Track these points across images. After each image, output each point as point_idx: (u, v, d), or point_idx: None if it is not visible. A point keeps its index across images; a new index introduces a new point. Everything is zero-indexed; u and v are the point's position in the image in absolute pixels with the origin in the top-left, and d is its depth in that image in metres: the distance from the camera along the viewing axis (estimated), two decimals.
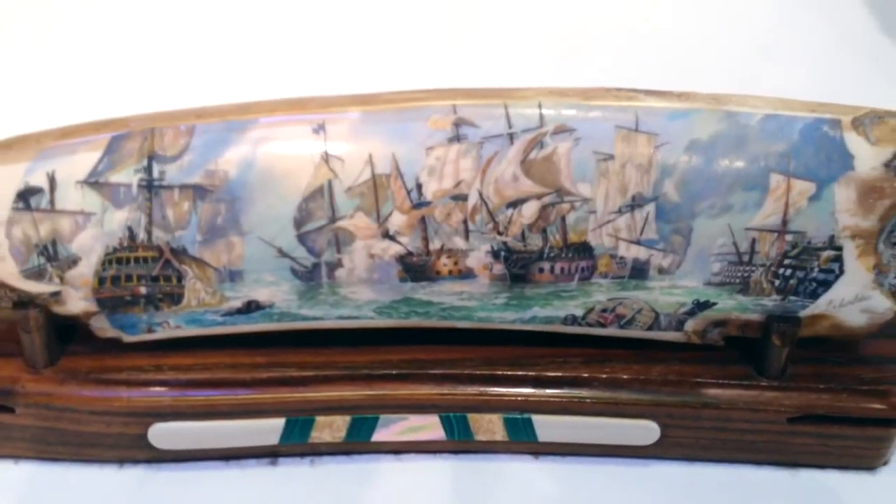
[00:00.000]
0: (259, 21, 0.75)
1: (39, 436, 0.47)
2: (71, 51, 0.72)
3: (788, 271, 0.44)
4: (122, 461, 0.49)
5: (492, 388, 0.48)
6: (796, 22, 0.83)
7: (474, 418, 0.48)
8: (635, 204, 0.44)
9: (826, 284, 0.44)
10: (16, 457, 0.48)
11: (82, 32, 0.73)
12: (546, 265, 0.45)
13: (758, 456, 0.48)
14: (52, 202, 0.43)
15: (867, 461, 0.48)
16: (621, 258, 0.45)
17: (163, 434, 0.47)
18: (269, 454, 0.50)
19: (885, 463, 0.48)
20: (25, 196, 0.43)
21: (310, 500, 0.48)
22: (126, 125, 0.44)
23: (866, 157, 0.42)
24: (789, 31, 0.81)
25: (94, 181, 0.43)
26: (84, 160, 0.43)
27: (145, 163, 0.44)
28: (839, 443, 0.47)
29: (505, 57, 0.72)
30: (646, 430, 0.48)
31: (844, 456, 0.48)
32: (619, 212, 0.44)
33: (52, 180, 0.43)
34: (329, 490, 0.48)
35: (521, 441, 0.49)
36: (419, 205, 0.44)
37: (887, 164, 0.42)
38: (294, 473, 0.49)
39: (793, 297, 0.45)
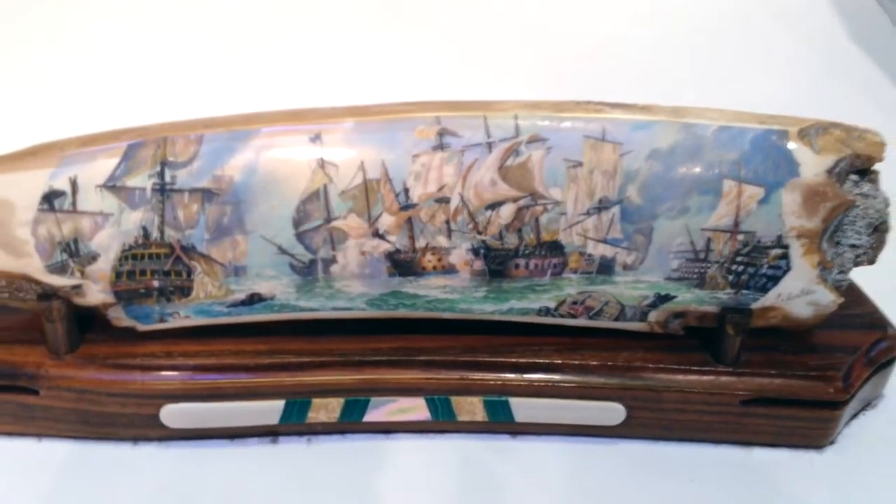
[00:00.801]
0: (262, 39, 0.77)
1: (61, 416, 0.49)
2: (91, 66, 0.73)
3: (740, 267, 0.47)
4: (136, 439, 0.51)
5: (473, 374, 0.50)
6: (765, 33, 0.84)
7: (457, 401, 0.50)
8: (602, 206, 0.46)
9: (775, 279, 0.47)
10: (39, 435, 0.50)
11: (103, 49, 0.75)
12: (521, 262, 0.47)
13: (714, 435, 0.50)
14: (73, 204, 0.45)
15: (815, 441, 0.50)
16: (589, 255, 0.47)
17: (173, 414, 0.49)
18: (269, 433, 0.51)
19: (832, 442, 0.50)
20: (50, 198, 0.45)
21: (307, 476, 0.49)
22: (141, 134, 0.46)
23: (811, 164, 0.45)
24: (758, 42, 0.82)
25: (111, 185, 0.45)
26: (103, 166, 0.46)
27: (158, 168, 0.46)
28: (789, 424, 0.49)
29: (485, 71, 0.74)
30: (613, 412, 0.50)
31: (794, 436, 0.50)
32: (588, 213, 0.46)
33: (73, 184, 0.45)
34: (325, 466, 0.50)
35: (500, 422, 0.51)
36: (406, 207, 0.46)
37: (830, 171, 0.45)
38: (293, 451, 0.51)
39: (745, 291, 0.47)
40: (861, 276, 0.52)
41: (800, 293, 0.47)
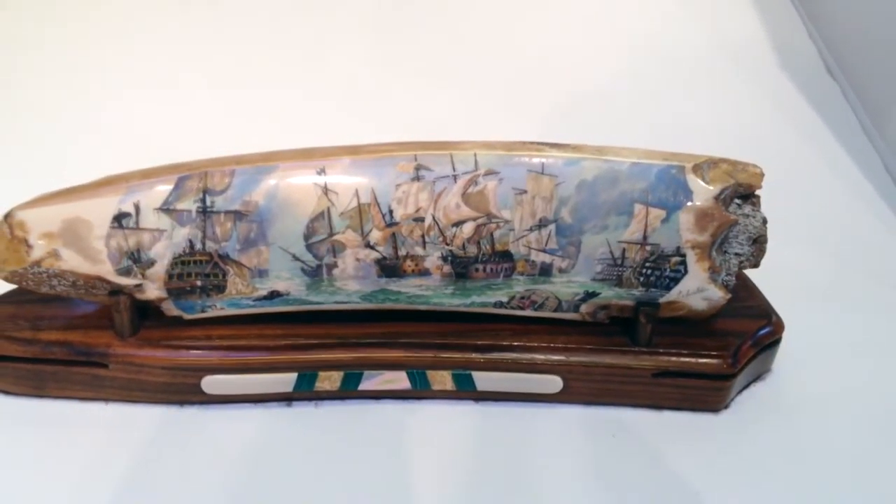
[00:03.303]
0: (282, 89, 0.82)
1: (124, 384, 0.55)
2: (148, 114, 0.79)
3: (649, 271, 0.53)
4: (182, 403, 0.56)
5: (443, 353, 0.55)
6: (698, 67, 0.88)
7: (431, 374, 0.55)
8: (541, 224, 0.52)
9: (675, 280, 0.53)
10: (106, 399, 0.56)
11: (156, 101, 0.80)
12: (480, 266, 0.53)
13: (633, 401, 0.56)
14: (137, 223, 0.51)
15: (712, 405, 0.57)
16: (533, 262, 0.53)
17: (211, 383, 0.55)
18: (285, 399, 0.56)
19: (726, 406, 0.57)
20: (119, 218, 0.51)
21: (315, 432, 0.54)
22: (188, 169, 0.52)
23: (702, 192, 0.51)
24: (690, 79, 0.86)
25: (166, 208, 0.51)
26: (159, 193, 0.51)
27: (201, 196, 0.51)
28: (691, 392, 0.56)
29: (453, 116, 0.79)
30: (553, 383, 0.56)
31: (695, 401, 0.56)
32: (531, 230, 0.52)
33: (137, 208, 0.51)
34: (328, 424, 0.55)
35: (465, 390, 0.56)
36: (391, 224, 0.51)
37: (717, 197, 0.52)
38: (303, 412, 0.56)
39: (653, 289, 0.54)
40: (756, 276, 0.59)
41: (696, 291, 0.54)
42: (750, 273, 0.60)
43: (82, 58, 0.82)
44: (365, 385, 0.56)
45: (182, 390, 0.56)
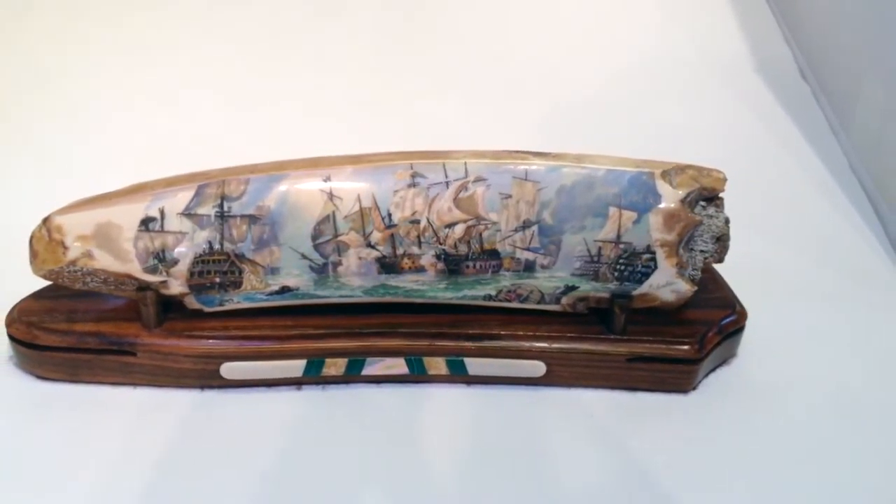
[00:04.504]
0: (290, 108, 0.86)
1: (150, 371, 0.57)
2: (170, 127, 0.83)
3: (622, 267, 0.57)
4: (202, 387, 0.58)
5: (438, 341, 0.58)
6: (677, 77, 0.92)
7: (427, 360, 0.58)
8: (525, 225, 0.55)
9: (646, 275, 0.57)
10: (134, 384, 0.59)
11: (178, 117, 0.84)
12: (471, 264, 0.56)
13: (609, 383, 0.60)
14: (162, 226, 0.54)
15: (681, 386, 0.60)
16: (518, 259, 0.56)
17: (229, 369, 0.57)
18: (295, 383, 0.58)
19: (694, 388, 0.60)
20: (146, 222, 0.54)
21: (322, 413, 0.57)
22: (206, 178, 0.55)
23: (670, 196, 0.55)
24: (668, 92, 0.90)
25: (188, 213, 0.54)
26: (182, 200, 0.54)
27: (219, 201, 0.54)
28: (662, 375, 0.59)
29: (448, 125, 0.82)
30: (537, 367, 0.59)
31: (666, 383, 0.59)
32: (516, 230, 0.55)
33: (162, 213, 0.54)
34: (334, 406, 0.58)
35: (458, 375, 0.59)
36: (390, 226, 0.54)
37: (683, 200, 0.55)
38: (312, 395, 0.59)
39: (626, 283, 0.57)
40: (725, 269, 0.63)
41: (665, 284, 0.57)
42: (719, 266, 0.63)
43: (112, 81, 0.87)
44: (367, 370, 0.58)
45: (203, 376, 0.58)
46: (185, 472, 0.55)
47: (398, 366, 0.59)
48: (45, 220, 0.55)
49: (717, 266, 0.63)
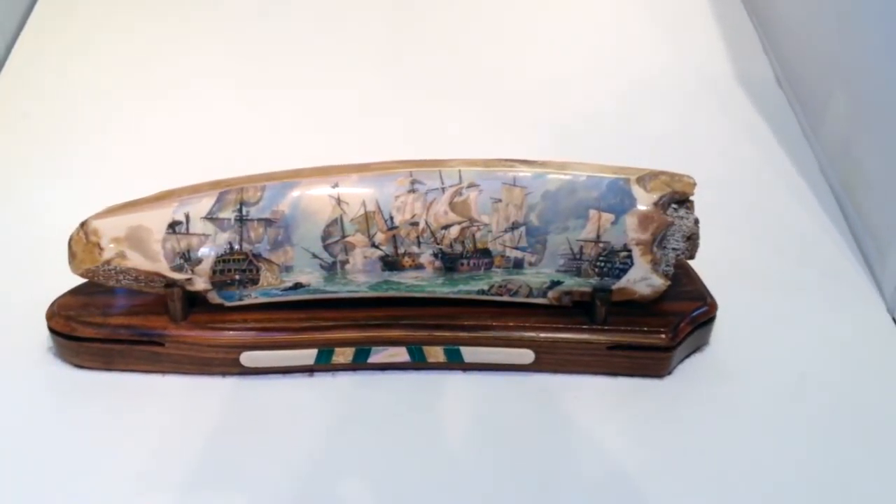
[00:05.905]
0: (301, 117, 0.90)
1: (177, 359, 0.60)
2: (193, 137, 0.86)
3: (602, 264, 0.59)
4: (224, 374, 0.61)
5: (436, 332, 0.60)
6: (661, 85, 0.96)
7: (427, 349, 0.60)
8: (514, 227, 0.57)
9: (624, 271, 0.59)
10: (163, 372, 0.61)
11: (201, 127, 0.88)
12: (465, 261, 0.58)
13: (592, 369, 0.62)
14: (187, 229, 0.56)
15: (656, 372, 0.63)
16: (507, 257, 0.58)
17: (248, 358, 0.60)
18: (307, 370, 0.61)
19: (669, 373, 0.63)
20: (173, 226, 0.57)
21: (332, 398, 0.60)
22: (227, 185, 0.57)
23: (644, 199, 0.58)
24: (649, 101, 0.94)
25: (210, 217, 0.56)
26: (205, 205, 0.57)
27: (238, 206, 0.56)
28: (639, 361, 0.62)
29: (446, 134, 0.87)
30: (526, 355, 0.61)
31: (643, 368, 0.62)
32: (505, 231, 0.58)
33: (187, 217, 0.57)
34: (343, 391, 0.61)
35: (455, 362, 0.61)
36: (391, 228, 0.57)
37: (656, 203, 0.58)
38: (323, 381, 0.61)
39: (606, 278, 0.60)
40: (698, 263, 0.66)
41: (641, 279, 0.60)
42: (696, 262, 0.66)
43: (135, 97, 0.92)
44: (373, 358, 0.61)
45: (224, 364, 0.61)
46: (208, 450, 0.58)
47: (401, 354, 0.61)
48: (83, 224, 0.59)
49: (694, 262, 0.66)
